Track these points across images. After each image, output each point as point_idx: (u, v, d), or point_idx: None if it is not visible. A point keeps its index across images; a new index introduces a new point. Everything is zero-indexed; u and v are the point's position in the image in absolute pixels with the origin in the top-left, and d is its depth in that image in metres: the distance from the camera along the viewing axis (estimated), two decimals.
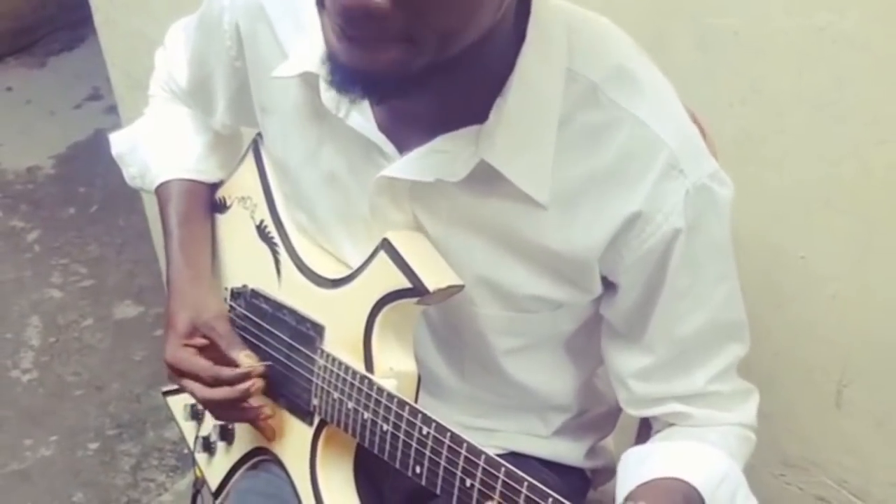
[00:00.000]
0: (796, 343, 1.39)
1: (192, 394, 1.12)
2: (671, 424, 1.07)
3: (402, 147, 0.95)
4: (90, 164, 1.20)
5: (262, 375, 1.10)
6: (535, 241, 0.95)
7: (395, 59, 0.77)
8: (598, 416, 1.22)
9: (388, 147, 0.96)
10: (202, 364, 1.10)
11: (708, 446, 1.02)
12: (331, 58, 0.80)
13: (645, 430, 1.16)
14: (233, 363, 1.10)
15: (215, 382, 1.10)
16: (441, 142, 0.92)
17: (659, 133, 0.91)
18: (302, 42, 0.97)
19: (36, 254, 2.93)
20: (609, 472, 1.29)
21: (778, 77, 1.25)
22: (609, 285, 1.00)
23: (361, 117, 0.96)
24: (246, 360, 1.10)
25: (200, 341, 1.13)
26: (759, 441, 1.10)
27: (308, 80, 0.98)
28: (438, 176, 0.92)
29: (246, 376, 1.08)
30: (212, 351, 1.13)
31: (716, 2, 1.25)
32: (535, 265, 0.98)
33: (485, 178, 0.91)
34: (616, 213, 0.93)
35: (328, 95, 0.96)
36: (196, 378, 1.11)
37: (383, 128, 0.96)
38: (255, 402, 1.10)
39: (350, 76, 0.79)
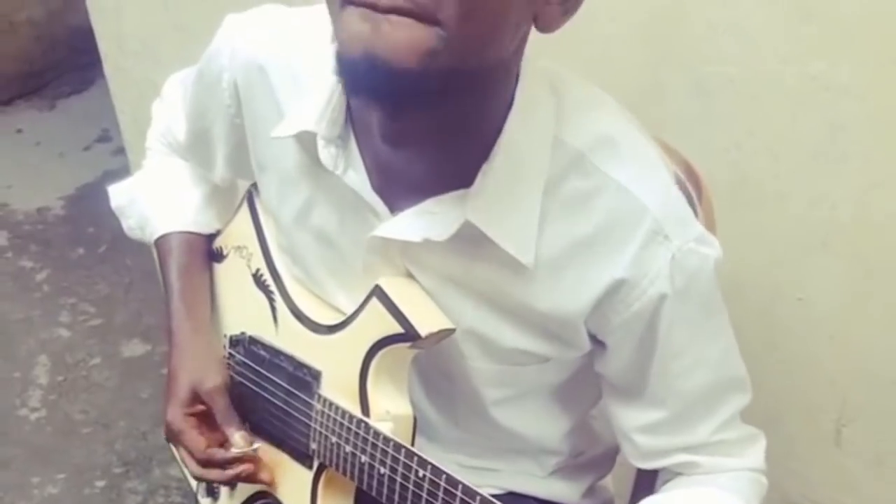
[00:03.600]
0: (795, 383, 1.40)
1: (186, 466, 1.15)
2: (679, 473, 1.07)
3: (394, 208, 0.96)
4: (99, 204, 1.22)
5: (252, 459, 1.12)
6: (521, 300, 0.96)
7: (421, 41, 0.74)
8: (595, 456, 1.22)
9: (381, 207, 0.97)
10: (197, 444, 1.13)
11: (723, 492, 1.02)
12: (349, 54, 0.77)
13: (645, 471, 1.15)
14: (227, 438, 1.13)
15: (206, 463, 1.13)
16: (430, 204, 0.93)
17: (642, 199, 0.91)
18: (300, 102, 0.98)
19: (45, 293, 2.94)
20: None
21: (773, 123, 1.26)
22: (598, 343, 1.01)
23: (357, 177, 0.97)
24: (240, 440, 1.13)
25: (200, 408, 1.16)
26: None
27: (304, 140, 0.98)
28: (426, 236, 0.93)
29: (236, 461, 1.12)
30: (210, 420, 1.16)
31: (712, 50, 1.27)
32: (522, 322, 0.99)
33: (471, 239, 0.92)
34: (600, 279, 0.94)
35: (326, 153, 0.96)
36: (190, 454, 1.14)
37: (377, 189, 0.96)
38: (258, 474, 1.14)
39: (374, 62, 0.75)
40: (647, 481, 1.15)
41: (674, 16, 1.29)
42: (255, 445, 1.13)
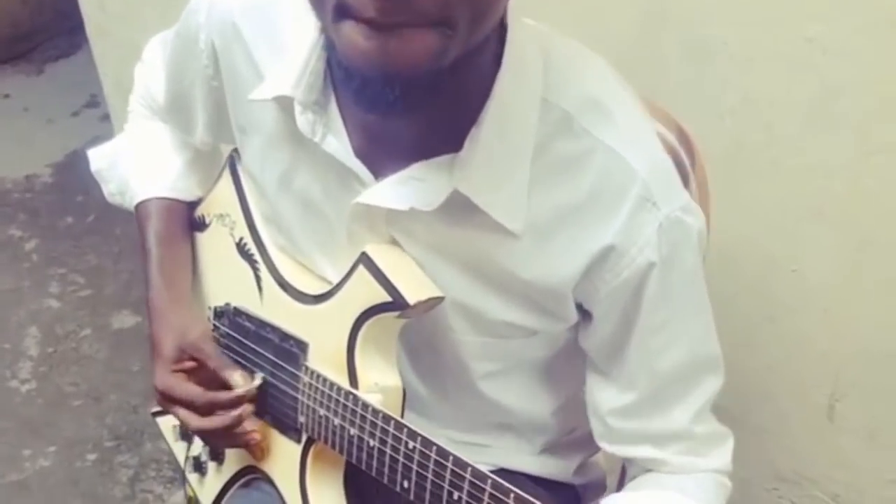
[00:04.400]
0: (789, 356, 1.39)
1: (185, 423, 1.10)
2: (648, 470, 1.06)
3: (378, 173, 0.94)
4: (87, 172, 1.20)
5: (254, 398, 1.09)
6: (508, 270, 0.94)
7: (431, 46, 0.74)
8: (587, 433, 1.18)
9: (364, 173, 0.94)
10: (195, 391, 1.09)
11: (687, 497, 1.00)
12: (358, 69, 0.76)
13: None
14: (224, 384, 1.09)
15: (210, 409, 1.08)
16: (417, 169, 0.91)
17: (632, 163, 0.89)
18: (278, 63, 0.96)
19: (34, 263, 2.92)
20: (600, 488, 1.28)
21: (768, 88, 1.24)
22: (585, 314, 0.99)
23: (338, 142, 0.94)
24: (240, 380, 1.09)
25: (189, 364, 1.12)
26: (752, 455, 1.09)
27: (283, 103, 0.96)
28: (413, 205, 0.90)
29: (242, 398, 1.07)
30: (201, 373, 1.12)
31: (705, 13, 1.25)
32: (509, 293, 0.97)
33: (459, 207, 0.90)
34: (589, 246, 0.92)
35: (303, 119, 0.94)
36: (189, 406, 1.09)
37: (360, 153, 0.94)
38: (247, 425, 1.09)
39: (387, 79, 0.76)
40: None
41: None
42: (257, 382, 1.10)
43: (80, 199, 3.07)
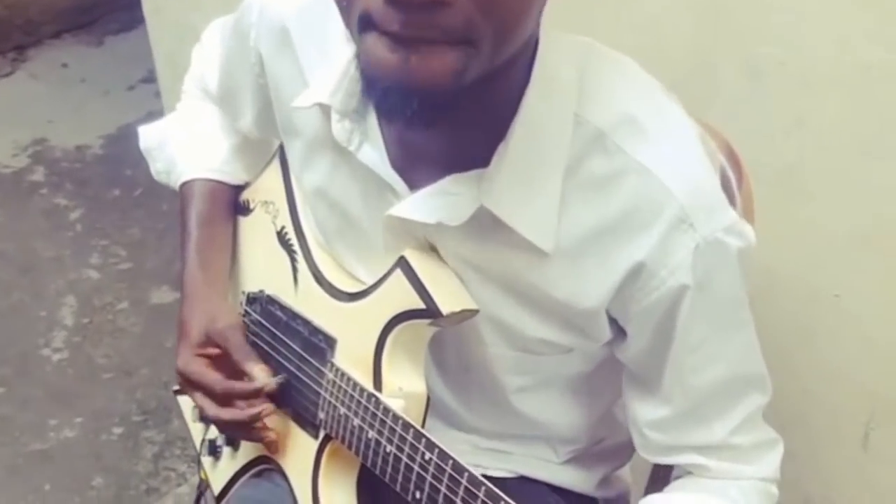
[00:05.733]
0: (825, 383, 1.36)
1: (202, 410, 1.10)
2: (690, 472, 1.03)
3: (414, 184, 0.93)
4: (139, 146, 1.21)
5: (273, 395, 1.08)
6: (540, 288, 0.93)
7: (453, 65, 0.73)
8: (614, 445, 1.19)
9: (399, 184, 0.93)
10: (214, 378, 1.08)
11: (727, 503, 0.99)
12: (378, 80, 0.76)
13: (661, 467, 1.14)
14: (245, 376, 1.09)
15: (227, 398, 1.08)
16: (448, 182, 0.89)
17: (667, 184, 0.87)
18: (323, 71, 0.95)
19: (77, 233, 2.93)
20: (623, 502, 1.26)
21: (823, 111, 1.22)
22: (619, 330, 0.98)
23: (374, 153, 0.94)
24: (260, 374, 1.08)
25: (213, 351, 1.12)
26: (783, 478, 1.07)
27: (325, 110, 0.96)
28: (440, 219, 0.89)
29: (259, 392, 1.07)
30: (224, 362, 1.11)
31: (764, 31, 1.23)
32: (542, 311, 0.95)
33: (487, 223, 0.89)
34: (620, 265, 0.89)
35: (339, 127, 0.94)
36: (208, 392, 1.09)
37: (396, 165, 0.93)
38: (265, 422, 1.09)
39: (406, 93, 0.75)
40: (664, 474, 1.12)
41: None
42: (279, 379, 1.09)
43: (128, 173, 3.08)
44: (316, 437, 1.08)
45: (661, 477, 1.13)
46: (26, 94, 3.58)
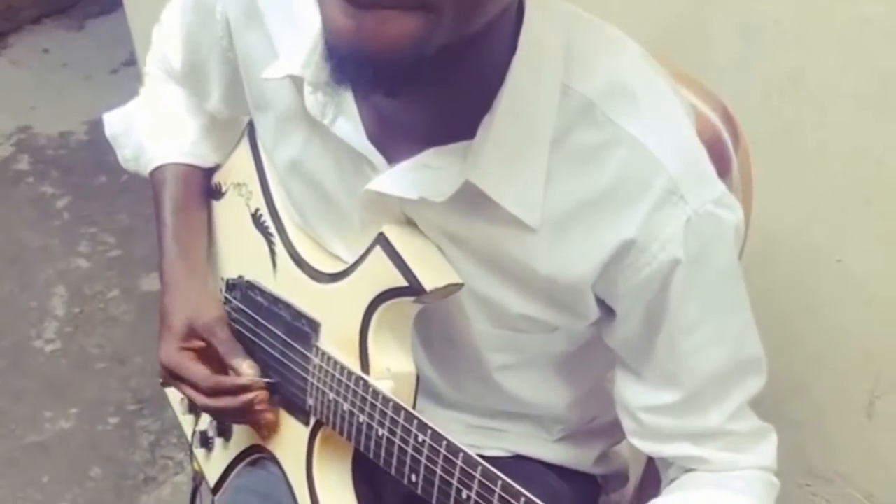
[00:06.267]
0: (829, 349, 1.35)
1: (191, 399, 1.09)
2: (688, 470, 1.01)
3: (392, 158, 0.90)
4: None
5: (262, 389, 1.07)
6: (524, 263, 0.91)
7: (411, 31, 0.70)
8: (608, 422, 1.17)
9: (377, 158, 0.91)
10: (201, 373, 1.07)
11: (737, 495, 0.96)
12: (336, 47, 0.74)
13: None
14: (231, 370, 1.08)
15: (214, 392, 1.07)
16: (429, 156, 0.87)
17: (657, 155, 0.84)
18: (293, 40, 0.92)
19: (65, 221, 2.92)
20: (622, 478, 1.25)
21: (820, 69, 1.19)
22: (607, 311, 0.95)
23: (350, 125, 0.91)
24: (248, 370, 1.07)
25: (198, 344, 1.10)
26: (785, 449, 1.06)
27: (297, 82, 0.94)
28: (423, 194, 0.87)
29: (246, 388, 1.06)
30: (209, 355, 1.10)
31: None
32: (526, 287, 0.93)
33: (472, 197, 0.86)
34: (608, 240, 0.87)
35: (312, 100, 0.92)
36: (194, 386, 1.08)
37: (373, 138, 0.91)
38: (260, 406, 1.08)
39: (361, 60, 0.72)
40: None
41: None
42: (268, 380, 1.08)
43: (114, 159, 3.01)
44: (307, 423, 1.06)
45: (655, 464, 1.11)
46: (8, 82, 3.56)
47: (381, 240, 0.94)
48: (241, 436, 1.19)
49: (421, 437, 0.90)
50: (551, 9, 0.87)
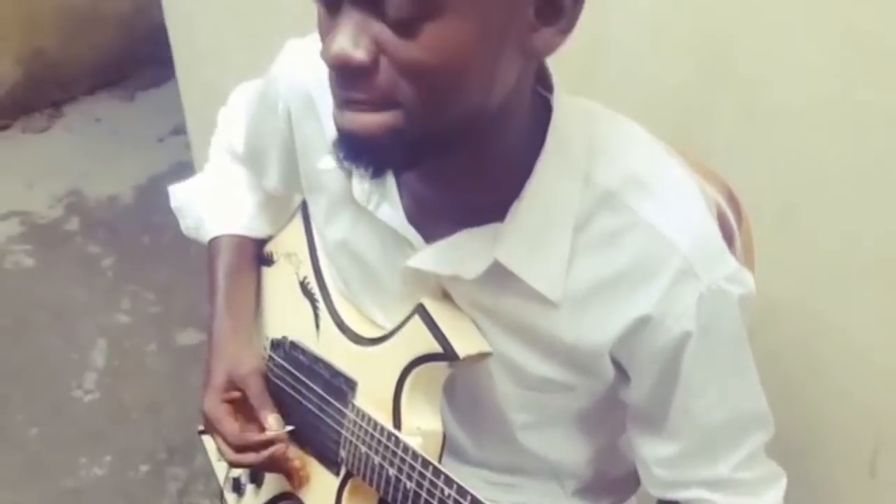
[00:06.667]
0: (831, 412, 1.39)
1: (222, 453, 1.17)
2: None
3: (430, 237, 0.98)
4: (167, 195, 1.28)
5: (285, 441, 1.14)
6: (548, 332, 0.98)
7: (384, 123, 0.80)
8: (619, 478, 1.23)
9: (415, 238, 0.99)
10: (231, 429, 1.15)
11: None
12: (337, 137, 0.85)
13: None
14: (261, 422, 1.16)
15: (241, 449, 1.15)
16: (462, 237, 0.95)
17: (671, 237, 0.92)
18: None
19: (109, 279, 3.01)
20: None
21: (821, 151, 1.25)
22: (622, 372, 1.02)
23: (391, 210, 1.00)
24: (273, 423, 1.15)
25: (236, 394, 1.19)
26: None
27: (346, 171, 1.01)
28: (455, 272, 0.96)
29: (269, 443, 1.14)
30: (245, 405, 1.18)
31: (762, 71, 1.27)
32: (549, 353, 1.00)
33: (501, 275, 0.94)
34: (626, 315, 0.95)
35: (359, 189, 1.00)
36: (224, 440, 1.16)
37: (412, 218, 0.99)
38: (288, 454, 1.15)
39: (352, 145, 0.83)
40: None
41: (725, 39, 1.30)
42: (288, 427, 1.16)
43: (158, 220, 3.12)
44: (337, 474, 1.13)
45: None
46: (62, 149, 3.66)
47: (420, 310, 1.01)
48: (273, 483, 1.25)
49: (447, 491, 0.96)
50: (576, 108, 0.95)
